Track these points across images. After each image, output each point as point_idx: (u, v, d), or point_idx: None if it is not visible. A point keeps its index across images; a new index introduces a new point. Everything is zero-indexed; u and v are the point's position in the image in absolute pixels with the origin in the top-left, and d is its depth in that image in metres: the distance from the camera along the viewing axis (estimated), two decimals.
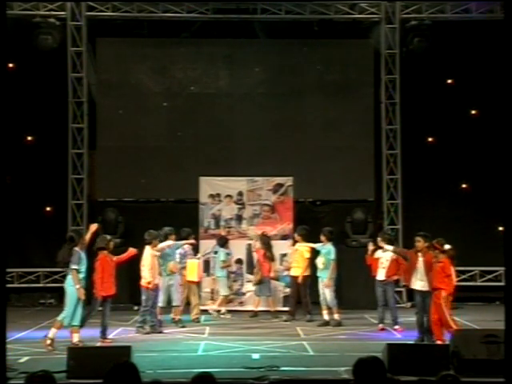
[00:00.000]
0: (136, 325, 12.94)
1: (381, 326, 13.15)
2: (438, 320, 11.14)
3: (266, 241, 14.87)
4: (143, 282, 12.74)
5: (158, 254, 12.80)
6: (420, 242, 11.70)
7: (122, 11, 16.80)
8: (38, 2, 16.49)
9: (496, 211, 15.23)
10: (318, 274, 13.78)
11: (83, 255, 11.44)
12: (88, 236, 11.91)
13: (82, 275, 11.38)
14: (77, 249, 11.39)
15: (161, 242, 13.06)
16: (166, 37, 17.29)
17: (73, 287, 11.33)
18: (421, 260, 11.64)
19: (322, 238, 13.88)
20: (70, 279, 11.40)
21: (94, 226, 12.14)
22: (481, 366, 9.10)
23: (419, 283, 11.64)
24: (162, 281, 13.05)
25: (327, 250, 13.79)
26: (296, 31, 17.17)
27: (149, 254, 12.73)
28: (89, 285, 11.92)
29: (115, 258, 12.15)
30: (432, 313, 11.22)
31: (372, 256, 13.18)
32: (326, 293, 13.61)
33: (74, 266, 11.30)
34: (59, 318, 11.45)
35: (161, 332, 12.82)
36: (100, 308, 12.02)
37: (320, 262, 13.74)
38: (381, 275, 13.05)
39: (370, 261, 13.23)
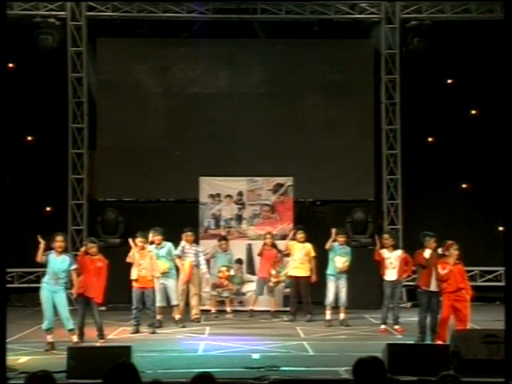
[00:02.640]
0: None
1: (383, 327, 13.01)
2: (447, 320, 11.11)
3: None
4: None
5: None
6: (434, 244, 11.66)
7: (122, 11, 16.80)
8: (38, 2, 16.50)
9: (496, 211, 15.23)
10: (333, 272, 13.75)
11: (51, 258, 11.50)
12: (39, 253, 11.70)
13: (46, 277, 11.50)
14: (48, 252, 11.53)
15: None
16: (166, 37, 17.28)
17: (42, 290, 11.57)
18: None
19: (343, 238, 13.86)
20: None
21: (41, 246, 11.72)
22: (481, 366, 9.10)
23: (434, 283, 11.59)
24: (155, 281, 13.25)
25: (348, 251, 13.91)
26: (296, 31, 17.18)
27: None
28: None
29: (100, 265, 12.06)
30: (445, 313, 11.16)
31: (379, 251, 12.91)
32: (343, 291, 13.66)
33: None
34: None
35: (154, 332, 12.84)
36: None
37: (341, 261, 13.73)
38: (391, 275, 12.87)
39: (378, 257, 12.99)
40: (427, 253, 11.68)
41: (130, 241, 13.16)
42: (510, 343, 5.96)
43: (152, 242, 13.42)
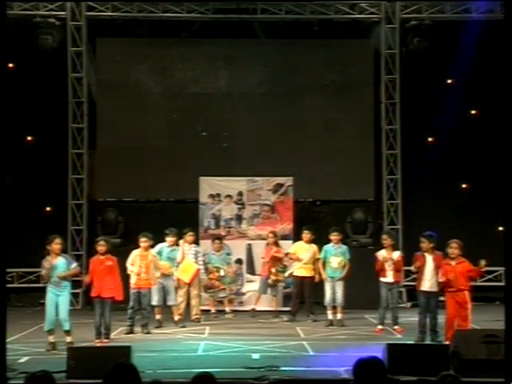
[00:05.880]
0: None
1: (380, 327, 12.93)
2: (453, 320, 11.10)
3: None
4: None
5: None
6: (425, 243, 11.69)
7: (122, 11, 16.81)
8: (38, 2, 16.51)
9: (496, 211, 15.21)
10: (332, 274, 13.74)
11: (47, 263, 11.48)
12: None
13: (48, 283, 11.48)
14: (47, 257, 11.51)
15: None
16: (166, 37, 17.29)
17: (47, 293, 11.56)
18: (429, 260, 11.65)
19: (337, 237, 13.86)
20: None
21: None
22: (481, 366, 9.08)
23: (427, 284, 11.64)
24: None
25: (344, 249, 13.89)
26: (296, 31, 17.18)
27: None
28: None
29: (109, 263, 12.08)
30: (450, 313, 11.14)
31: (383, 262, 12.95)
32: (340, 291, 13.65)
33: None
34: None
35: (148, 332, 12.82)
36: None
37: (336, 261, 13.74)
38: (388, 277, 12.84)
39: (381, 266, 12.97)
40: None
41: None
42: (510, 343, 5.97)
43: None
